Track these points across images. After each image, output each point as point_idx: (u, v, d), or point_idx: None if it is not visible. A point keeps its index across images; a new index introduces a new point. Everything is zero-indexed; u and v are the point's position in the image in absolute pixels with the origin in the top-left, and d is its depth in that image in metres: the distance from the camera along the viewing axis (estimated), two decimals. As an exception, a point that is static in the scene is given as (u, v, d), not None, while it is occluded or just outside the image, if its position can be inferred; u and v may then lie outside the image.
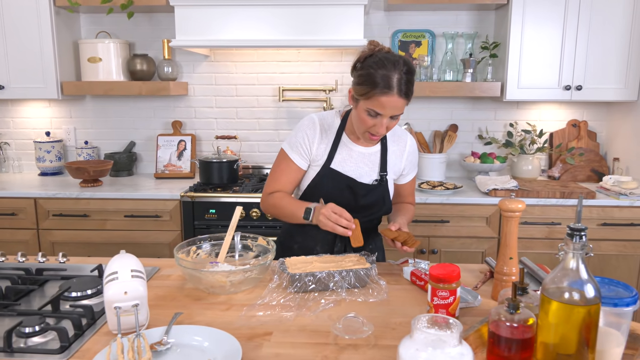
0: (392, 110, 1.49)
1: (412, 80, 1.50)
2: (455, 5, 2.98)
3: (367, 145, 1.69)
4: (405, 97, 1.48)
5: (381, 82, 1.46)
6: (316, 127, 1.68)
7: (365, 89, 1.49)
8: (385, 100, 1.47)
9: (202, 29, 2.69)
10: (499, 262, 1.35)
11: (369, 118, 1.53)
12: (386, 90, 1.46)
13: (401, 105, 1.50)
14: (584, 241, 0.90)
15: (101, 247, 2.80)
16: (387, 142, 1.72)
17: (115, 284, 1.04)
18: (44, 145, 3.22)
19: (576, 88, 2.83)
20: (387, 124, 1.52)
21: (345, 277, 1.38)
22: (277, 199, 1.68)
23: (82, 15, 3.25)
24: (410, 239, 1.53)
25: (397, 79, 1.46)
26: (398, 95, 1.46)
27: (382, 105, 1.48)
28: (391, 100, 1.47)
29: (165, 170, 3.20)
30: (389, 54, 1.51)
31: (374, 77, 1.46)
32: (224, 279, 1.32)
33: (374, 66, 1.48)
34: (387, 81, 1.45)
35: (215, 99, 3.29)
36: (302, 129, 1.69)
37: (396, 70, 1.46)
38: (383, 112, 1.49)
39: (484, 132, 3.24)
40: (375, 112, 1.50)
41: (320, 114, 1.72)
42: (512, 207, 1.31)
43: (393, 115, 1.51)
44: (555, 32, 2.80)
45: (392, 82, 1.45)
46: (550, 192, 2.68)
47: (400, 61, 1.48)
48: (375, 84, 1.46)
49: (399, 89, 1.46)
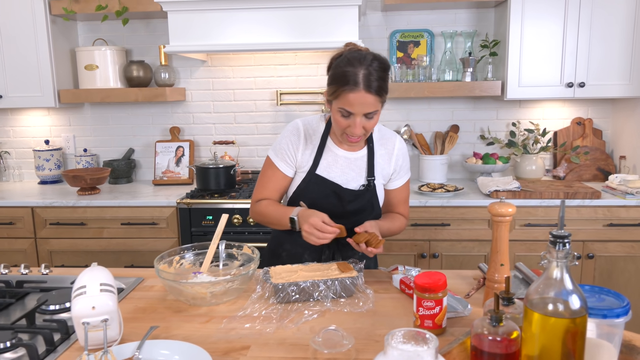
0: (362, 107, 1.44)
1: (383, 76, 1.44)
2: (454, 4, 2.93)
3: (352, 149, 1.65)
4: (374, 93, 1.43)
5: (347, 79, 1.42)
6: (300, 133, 1.64)
7: (333, 87, 1.47)
8: (352, 97, 1.43)
9: (196, 34, 2.67)
10: (490, 269, 1.30)
11: (342, 119, 1.49)
12: (352, 86, 1.42)
13: (371, 102, 1.44)
14: (568, 249, 0.85)
15: (99, 256, 2.78)
16: (374, 145, 1.67)
17: (83, 299, 1.01)
18: (42, 154, 3.22)
19: (579, 85, 2.76)
20: (362, 123, 1.47)
21: (330, 286, 1.34)
22: (264, 207, 1.65)
23: (79, 24, 3.24)
24: (373, 238, 1.47)
25: (363, 74, 1.42)
26: (365, 91, 1.42)
27: (351, 103, 1.44)
28: (358, 96, 1.42)
29: (164, 177, 3.18)
30: (358, 52, 1.48)
31: (340, 75, 1.44)
32: (204, 290, 1.28)
33: (341, 64, 1.45)
34: (353, 78, 1.42)
35: (213, 104, 3.26)
36: (286, 135, 1.66)
37: (362, 66, 1.43)
38: (353, 110, 1.45)
39: (486, 132, 3.18)
40: (346, 111, 1.46)
41: (305, 119, 1.68)
42: (502, 211, 1.25)
43: (367, 114, 1.46)
44: (555, 27, 2.73)
45: (358, 78, 1.41)
46: (554, 193, 2.61)
47: (368, 57, 1.45)
48: (341, 81, 1.44)
49: (365, 84, 1.42)
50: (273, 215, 1.61)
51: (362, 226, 1.51)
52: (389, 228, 1.67)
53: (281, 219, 1.58)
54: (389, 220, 1.70)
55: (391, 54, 3.11)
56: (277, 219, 1.60)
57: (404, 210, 1.78)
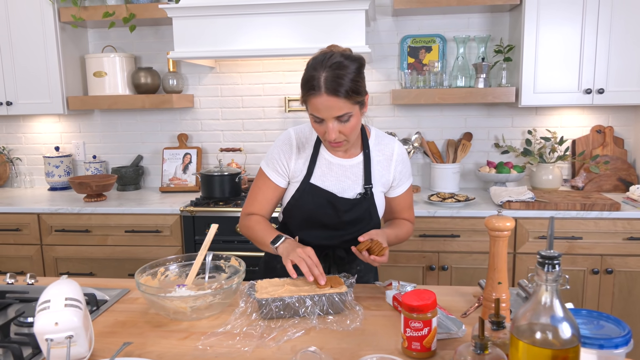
0: (328, 110, 1.37)
1: (342, 75, 1.35)
2: (467, 8, 2.83)
3: (347, 156, 1.58)
4: (338, 95, 1.34)
5: (310, 84, 1.37)
6: (292, 142, 1.59)
7: (301, 94, 1.42)
8: (316, 102, 1.37)
9: (201, 40, 2.64)
10: (487, 287, 1.21)
11: (316, 125, 1.44)
12: (313, 91, 1.36)
13: (338, 105, 1.36)
14: (558, 271, 0.76)
15: (103, 263, 2.77)
16: (371, 151, 1.59)
17: (46, 314, 0.96)
18: (52, 160, 3.23)
19: (598, 91, 2.64)
20: (337, 128, 1.40)
21: (317, 302, 1.27)
22: (253, 223, 1.59)
23: (89, 31, 3.26)
24: (375, 246, 1.38)
25: (324, 77, 1.35)
26: (327, 94, 1.35)
27: (317, 108, 1.38)
28: (321, 100, 1.36)
29: (171, 184, 3.15)
30: (325, 54, 1.41)
31: (304, 80, 1.40)
32: (184, 305, 1.23)
33: (307, 68, 1.40)
34: (316, 82, 1.36)
35: (221, 111, 3.23)
36: (277, 144, 1.61)
37: (324, 68, 1.36)
38: (321, 115, 1.39)
39: (500, 140, 3.07)
40: (316, 116, 1.41)
41: (298, 128, 1.63)
42: (499, 225, 1.17)
43: (339, 118, 1.39)
44: (573, 32, 2.62)
45: (319, 81, 1.35)
46: (570, 204, 2.49)
47: (333, 58, 1.37)
48: (305, 86, 1.39)
49: (326, 87, 1.34)
50: (259, 233, 1.55)
51: (367, 234, 1.44)
52: (397, 235, 1.60)
53: (265, 238, 1.51)
54: (395, 227, 1.63)
55: (402, 60, 3.03)
56: (261, 237, 1.53)
57: (409, 215, 1.71)
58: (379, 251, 1.39)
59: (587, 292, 2.52)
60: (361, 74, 1.42)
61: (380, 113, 3.11)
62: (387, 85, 3.08)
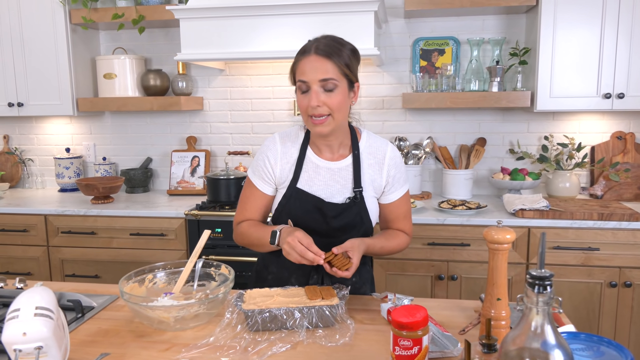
0: (314, 72, 1.37)
1: (336, 46, 1.41)
2: (481, 9, 2.74)
3: (334, 159, 1.52)
4: (326, 57, 1.38)
5: (300, 50, 1.44)
6: (276, 147, 1.54)
7: (292, 65, 1.46)
8: (303, 63, 1.40)
9: (209, 41, 2.61)
10: (485, 303, 1.14)
11: (302, 97, 1.42)
12: (303, 54, 1.42)
13: (324, 67, 1.37)
14: (550, 292, 0.69)
15: (108, 266, 2.75)
16: (361, 153, 1.53)
17: (14, 324, 0.92)
18: (62, 162, 3.24)
19: (617, 96, 2.53)
20: (321, 96, 1.39)
21: (306, 314, 1.21)
22: (245, 228, 1.55)
23: (101, 32, 3.26)
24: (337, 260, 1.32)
25: (315, 43, 1.42)
26: (316, 54, 1.39)
27: (302, 70, 1.40)
28: (309, 60, 1.39)
29: (179, 187, 3.13)
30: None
31: (297, 54, 1.45)
32: (166, 315, 1.18)
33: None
34: (305, 47, 1.43)
35: (230, 114, 3.20)
36: (262, 151, 1.57)
37: (315, 39, 1.44)
38: (306, 78, 1.39)
39: (515, 146, 2.97)
40: (302, 82, 1.40)
41: (283, 132, 1.58)
42: (499, 237, 1.10)
43: (324, 83, 1.38)
44: (591, 34, 2.51)
45: (310, 46, 1.42)
46: (587, 214, 2.38)
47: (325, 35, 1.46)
48: (296, 56, 1.45)
49: (316, 48, 1.40)
50: (254, 235, 1.51)
51: (341, 246, 1.37)
52: (384, 246, 1.51)
53: (262, 238, 1.47)
54: (384, 237, 1.54)
55: (414, 63, 2.96)
56: (257, 238, 1.49)
57: (405, 226, 1.60)
58: (340, 265, 1.33)
59: (604, 306, 2.41)
60: (356, 55, 1.47)
61: (391, 117, 3.04)
62: (398, 89, 3.01)
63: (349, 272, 1.33)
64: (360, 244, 1.41)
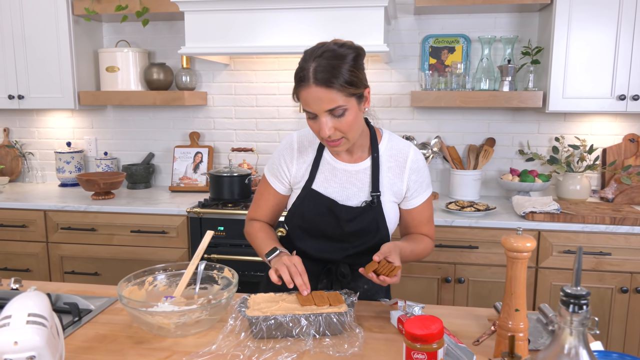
0: (318, 103, 1.25)
1: (334, 64, 1.24)
2: (494, 7, 2.67)
3: (352, 161, 1.46)
4: (327, 86, 1.23)
5: (297, 76, 1.28)
6: (293, 147, 1.49)
7: (293, 88, 1.31)
8: (305, 94, 1.26)
9: (214, 35, 2.55)
10: (502, 314, 1.08)
11: (312, 122, 1.32)
12: (302, 83, 1.26)
13: (327, 97, 1.24)
14: (586, 312, 0.63)
15: (108, 263, 2.70)
16: (381, 156, 1.46)
17: (5, 332, 0.87)
18: (63, 156, 3.18)
19: (632, 98, 2.46)
20: (330, 123, 1.28)
21: (313, 322, 1.15)
22: (254, 230, 1.52)
23: (104, 25, 3.20)
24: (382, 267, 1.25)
25: (313, 67, 1.24)
26: (316, 85, 1.24)
27: (306, 101, 1.27)
28: (310, 92, 1.25)
29: (181, 184, 3.07)
30: (318, 44, 1.30)
31: (295, 73, 1.30)
32: (166, 321, 1.12)
33: (299, 62, 1.30)
34: (302, 72, 1.26)
35: (234, 110, 3.14)
36: (279, 150, 1.52)
37: (312, 58, 1.25)
38: (311, 109, 1.28)
39: (525, 146, 2.90)
40: (308, 112, 1.30)
41: (302, 132, 1.52)
42: (518, 245, 1.04)
43: (332, 112, 1.26)
44: (606, 34, 2.44)
45: (308, 72, 1.25)
46: (599, 217, 2.32)
47: (320, 48, 1.27)
48: (295, 79, 1.29)
49: (314, 77, 1.24)
50: (257, 242, 1.49)
51: (380, 252, 1.29)
52: (413, 250, 1.45)
53: (262, 249, 1.45)
54: (412, 242, 1.47)
55: (423, 61, 2.89)
56: (259, 246, 1.47)
57: (429, 230, 1.54)
58: (388, 271, 1.26)
59: (615, 312, 2.35)
60: (358, 64, 1.30)
61: (398, 115, 2.98)
62: (406, 87, 2.94)
63: (397, 276, 1.28)
64: (395, 247, 1.34)
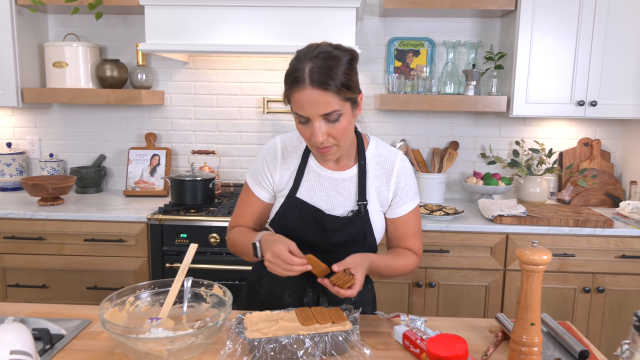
0: (314, 107, 1.19)
1: (331, 66, 1.19)
2: (458, 12, 2.70)
3: (338, 168, 1.40)
4: (324, 88, 1.17)
5: (293, 77, 1.21)
6: (277, 153, 1.42)
7: (284, 90, 1.24)
8: (299, 96, 1.19)
9: (176, 32, 2.41)
10: (516, 328, 1.06)
11: (302, 127, 1.25)
12: (296, 84, 1.19)
13: (324, 100, 1.18)
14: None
15: (59, 275, 2.49)
16: (367, 163, 1.41)
17: (-16, 375, 0.75)
18: (3, 158, 2.92)
19: (590, 104, 2.55)
20: (324, 129, 1.22)
21: (318, 343, 1.08)
22: (235, 235, 1.42)
23: (50, 16, 2.96)
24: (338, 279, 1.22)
25: (308, 68, 1.18)
26: (312, 87, 1.18)
27: (300, 104, 1.21)
28: (305, 94, 1.18)
29: (136, 188, 2.90)
30: (310, 45, 1.25)
31: (287, 74, 1.23)
32: (160, 347, 1.02)
33: (290, 62, 1.24)
34: (297, 73, 1.19)
35: (193, 110, 3.00)
36: (262, 155, 1.44)
37: (307, 58, 1.19)
38: (305, 113, 1.21)
39: (487, 150, 2.96)
40: (301, 115, 1.23)
41: (286, 136, 1.45)
42: (535, 259, 1.01)
43: (327, 116, 1.21)
44: (568, 42, 2.52)
45: (303, 73, 1.18)
46: (563, 220, 2.39)
47: (315, 48, 1.22)
48: (288, 80, 1.22)
49: (311, 79, 1.18)
50: (241, 243, 1.37)
51: (342, 262, 1.24)
52: (390, 264, 1.37)
53: (248, 247, 1.33)
54: (390, 255, 1.40)
55: (388, 63, 2.88)
56: (244, 247, 1.35)
57: (414, 244, 1.46)
58: (342, 284, 1.21)
59: (577, 312, 2.43)
60: (353, 67, 1.25)
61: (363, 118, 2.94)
62: (372, 89, 2.92)
63: (353, 290, 1.21)
64: (364, 259, 1.28)
